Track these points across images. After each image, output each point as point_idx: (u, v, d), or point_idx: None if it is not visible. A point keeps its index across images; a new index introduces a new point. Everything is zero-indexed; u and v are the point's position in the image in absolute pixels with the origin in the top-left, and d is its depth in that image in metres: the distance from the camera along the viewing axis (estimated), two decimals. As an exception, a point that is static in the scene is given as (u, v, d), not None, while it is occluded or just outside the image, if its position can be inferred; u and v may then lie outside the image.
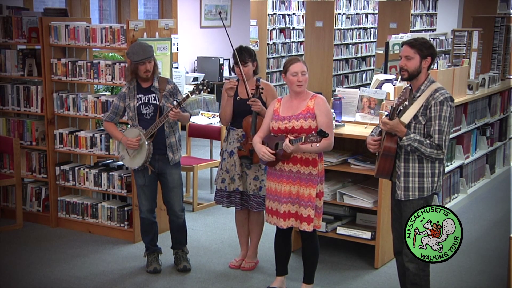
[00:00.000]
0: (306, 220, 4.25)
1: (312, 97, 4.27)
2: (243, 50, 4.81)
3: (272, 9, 13.96)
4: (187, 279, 4.88)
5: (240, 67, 4.74)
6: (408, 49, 3.83)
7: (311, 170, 4.23)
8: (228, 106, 4.80)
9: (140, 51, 4.64)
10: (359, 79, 15.39)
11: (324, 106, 4.24)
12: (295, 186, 4.25)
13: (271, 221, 4.40)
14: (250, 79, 4.80)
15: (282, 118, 4.26)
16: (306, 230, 4.27)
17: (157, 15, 10.62)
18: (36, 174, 6.00)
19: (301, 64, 4.25)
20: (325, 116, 4.21)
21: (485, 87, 7.19)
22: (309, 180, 4.23)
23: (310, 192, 4.22)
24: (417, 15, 14.60)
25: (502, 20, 7.97)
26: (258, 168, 4.76)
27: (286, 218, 4.30)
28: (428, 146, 3.73)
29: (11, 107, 5.96)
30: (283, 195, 4.28)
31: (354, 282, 4.85)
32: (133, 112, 4.78)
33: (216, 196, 4.94)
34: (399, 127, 3.73)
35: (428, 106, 3.77)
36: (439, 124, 3.75)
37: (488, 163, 7.54)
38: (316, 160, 4.24)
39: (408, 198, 3.86)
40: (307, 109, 4.22)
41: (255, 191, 4.76)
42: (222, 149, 4.94)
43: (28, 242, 5.60)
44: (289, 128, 4.21)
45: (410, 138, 3.73)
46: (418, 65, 3.82)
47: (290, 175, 4.26)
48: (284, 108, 4.30)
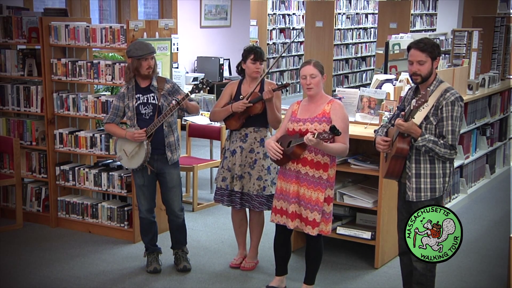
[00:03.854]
0: (311, 224, 4.22)
1: (329, 102, 4.26)
2: (259, 48, 4.82)
3: (272, 9, 13.97)
4: (187, 279, 4.88)
5: (257, 63, 4.75)
6: (419, 53, 3.79)
7: (322, 174, 4.20)
8: (224, 112, 4.79)
9: (143, 47, 4.65)
10: (359, 79, 15.39)
11: (340, 111, 4.22)
12: (302, 188, 4.24)
13: (280, 220, 4.37)
14: (257, 78, 4.82)
15: (298, 120, 4.26)
16: (310, 233, 4.25)
17: (157, 15, 10.62)
18: (36, 174, 6.00)
19: (310, 67, 4.23)
20: (341, 121, 4.17)
21: (485, 87, 7.19)
22: (318, 184, 4.20)
23: (318, 196, 4.20)
24: (417, 15, 14.61)
25: (502, 20, 7.97)
26: (261, 168, 4.76)
27: (294, 218, 4.28)
28: (442, 147, 3.73)
29: (11, 107, 5.95)
30: (292, 195, 4.26)
31: (354, 282, 4.85)
32: (132, 112, 4.77)
33: (216, 194, 4.93)
34: (414, 128, 3.71)
35: (439, 107, 3.77)
36: (452, 125, 3.75)
37: (488, 163, 7.54)
38: (328, 165, 4.21)
39: (420, 199, 3.85)
40: (323, 113, 4.21)
41: (259, 191, 4.76)
42: (224, 147, 4.94)
43: (28, 242, 5.60)
44: (303, 131, 4.20)
45: (425, 139, 3.72)
46: (430, 68, 3.81)
47: (298, 175, 4.24)
48: (302, 111, 4.31)
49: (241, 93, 4.81)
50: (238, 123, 4.77)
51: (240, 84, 4.86)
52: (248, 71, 4.80)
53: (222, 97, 4.88)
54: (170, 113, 4.67)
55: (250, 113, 4.73)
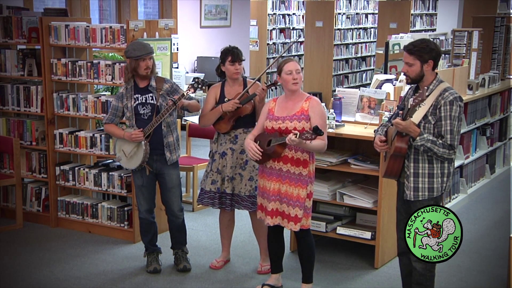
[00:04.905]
0: (293, 220, 4.27)
1: (307, 99, 4.27)
2: (235, 49, 4.79)
3: (272, 9, 13.95)
4: (187, 279, 4.88)
5: (236, 64, 4.74)
6: (407, 55, 3.83)
7: (301, 170, 4.24)
8: (214, 114, 4.75)
9: (141, 47, 4.66)
10: (359, 79, 15.38)
11: (318, 108, 4.25)
12: (284, 185, 4.27)
13: (261, 216, 4.44)
14: (238, 79, 4.82)
15: (276, 118, 4.27)
16: (292, 229, 4.30)
17: (157, 15, 10.62)
18: (36, 174, 6.00)
19: (294, 63, 4.28)
20: (319, 118, 4.22)
21: (485, 87, 7.19)
22: (298, 180, 4.24)
23: (299, 192, 4.24)
24: (417, 15, 14.60)
25: (502, 20, 7.97)
26: (252, 169, 4.76)
27: (273, 216, 4.32)
28: (440, 146, 3.73)
29: (11, 107, 5.96)
30: (272, 192, 4.30)
31: (354, 282, 4.85)
32: (131, 112, 4.77)
33: (204, 198, 4.88)
34: (412, 128, 3.72)
35: (438, 106, 3.77)
36: (450, 124, 3.75)
37: (488, 163, 7.54)
38: (307, 161, 4.25)
39: (418, 198, 3.85)
40: (301, 111, 4.23)
41: (251, 192, 4.76)
42: (212, 150, 4.91)
43: (28, 242, 5.60)
44: (282, 129, 4.22)
45: (423, 139, 3.72)
46: (419, 70, 3.81)
47: (280, 173, 4.27)
48: (279, 108, 4.31)
49: (225, 95, 4.79)
50: (229, 125, 4.76)
51: (222, 87, 4.85)
52: (228, 73, 4.78)
53: (208, 101, 4.84)
54: (167, 113, 4.66)
55: (241, 114, 4.73)
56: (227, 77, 4.83)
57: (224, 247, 5.12)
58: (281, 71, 4.28)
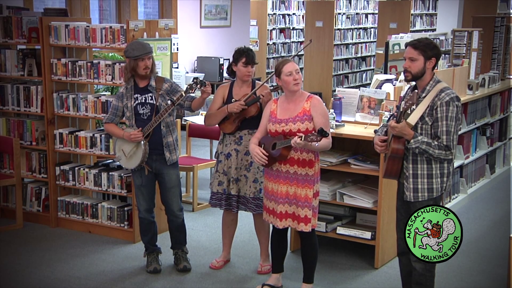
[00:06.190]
0: (304, 221, 4.26)
1: (308, 99, 4.26)
2: (251, 51, 4.79)
3: (272, 9, 13.96)
4: (187, 279, 4.88)
5: (248, 66, 4.75)
6: (412, 51, 3.81)
7: (308, 171, 4.24)
8: (220, 114, 4.75)
9: (140, 47, 4.65)
10: (359, 79, 15.38)
11: (320, 107, 4.24)
12: (292, 187, 4.26)
13: (269, 219, 4.42)
14: (248, 81, 4.81)
15: (279, 121, 4.26)
16: (304, 230, 4.28)
17: (157, 15, 10.62)
18: (36, 174, 6.00)
19: (293, 64, 4.26)
20: (322, 116, 4.22)
21: (485, 87, 7.19)
22: (305, 181, 4.24)
23: (306, 193, 4.24)
24: (417, 15, 14.61)
25: (502, 20, 7.97)
26: (257, 171, 4.75)
27: (283, 218, 4.31)
28: (436, 148, 3.72)
29: (11, 107, 5.96)
30: (280, 195, 4.29)
31: (354, 282, 4.85)
32: (131, 112, 4.77)
33: (212, 199, 4.89)
34: (406, 130, 3.72)
35: (434, 107, 3.76)
36: (446, 125, 3.74)
37: (488, 163, 7.54)
38: (313, 161, 4.25)
39: (418, 199, 3.85)
40: (303, 111, 4.22)
41: (255, 194, 4.75)
42: (218, 151, 4.91)
43: (28, 242, 5.60)
44: (286, 131, 4.22)
45: (417, 141, 3.72)
46: (422, 66, 3.80)
47: (287, 176, 4.27)
48: (281, 110, 4.30)
49: (233, 95, 4.79)
50: (234, 126, 4.75)
51: (231, 87, 4.84)
52: (239, 74, 4.77)
53: (215, 100, 4.84)
54: (165, 113, 4.66)
55: (246, 115, 4.72)
56: (237, 78, 4.82)
57: (225, 246, 5.12)
58: (280, 73, 4.25)
